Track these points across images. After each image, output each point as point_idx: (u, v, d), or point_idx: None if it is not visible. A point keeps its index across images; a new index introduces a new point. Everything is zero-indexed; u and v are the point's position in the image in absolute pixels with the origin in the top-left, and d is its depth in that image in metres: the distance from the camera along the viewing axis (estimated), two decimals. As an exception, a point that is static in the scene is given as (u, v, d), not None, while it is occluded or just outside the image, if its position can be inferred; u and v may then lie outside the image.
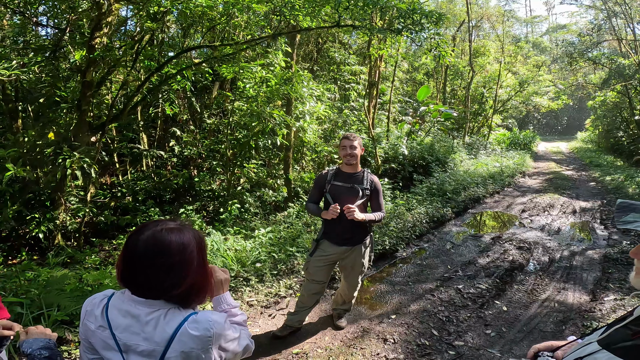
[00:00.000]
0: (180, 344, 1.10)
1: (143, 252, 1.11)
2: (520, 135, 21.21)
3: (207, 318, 1.15)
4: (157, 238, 1.12)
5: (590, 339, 1.16)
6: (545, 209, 8.69)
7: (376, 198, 3.16)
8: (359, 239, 3.18)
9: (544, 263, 5.42)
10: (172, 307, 1.15)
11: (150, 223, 1.17)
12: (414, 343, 3.21)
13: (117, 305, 1.17)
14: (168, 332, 1.11)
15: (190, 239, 1.17)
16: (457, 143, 14.11)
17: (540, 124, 42.31)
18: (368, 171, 3.20)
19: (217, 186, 7.44)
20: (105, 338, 1.14)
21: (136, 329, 1.12)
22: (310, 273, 3.25)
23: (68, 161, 4.64)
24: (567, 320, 3.73)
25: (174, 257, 1.12)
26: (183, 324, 1.11)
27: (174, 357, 1.10)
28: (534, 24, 39.75)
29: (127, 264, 1.14)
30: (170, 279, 1.12)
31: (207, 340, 1.12)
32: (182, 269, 1.14)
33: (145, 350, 1.12)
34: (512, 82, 19.06)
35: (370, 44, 8.45)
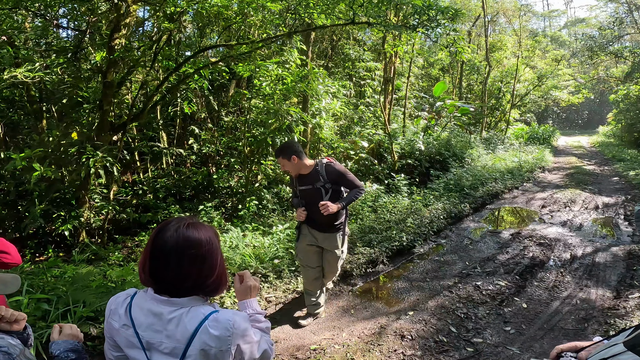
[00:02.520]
0: (200, 342, 1.13)
1: (174, 247, 1.15)
2: (539, 130, 20.73)
3: (227, 318, 1.18)
4: (184, 233, 1.17)
5: (617, 340, 1.15)
6: (566, 204, 8.50)
7: (343, 181, 3.22)
8: (333, 227, 3.31)
9: (565, 260, 5.32)
10: (194, 305, 1.19)
11: (171, 221, 1.22)
12: (431, 340, 3.20)
13: (140, 304, 1.20)
14: (189, 330, 1.14)
15: (211, 232, 1.24)
16: (475, 138, 13.90)
17: (560, 118, 41.26)
18: (322, 161, 3.23)
19: (235, 183, 7.52)
20: (129, 336, 1.18)
21: (159, 327, 1.16)
22: (301, 258, 3.43)
23: (91, 160, 4.77)
24: (590, 318, 3.66)
25: (203, 249, 1.18)
26: (204, 323, 1.15)
27: (194, 355, 1.13)
28: (551, 17, 38.74)
29: (155, 263, 1.17)
30: (205, 270, 1.18)
31: (226, 339, 1.15)
32: (212, 259, 1.20)
33: (167, 348, 1.15)
34: (530, 77, 18.62)
35: (385, 41, 8.39)
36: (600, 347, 1.23)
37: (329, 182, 3.14)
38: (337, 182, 3.19)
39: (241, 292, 1.46)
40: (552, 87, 19.41)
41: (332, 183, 3.16)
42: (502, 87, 17.60)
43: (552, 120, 38.17)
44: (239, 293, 1.47)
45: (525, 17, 18.81)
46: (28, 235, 5.45)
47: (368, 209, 6.79)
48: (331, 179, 3.15)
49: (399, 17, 6.15)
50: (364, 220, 6.19)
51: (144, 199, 6.59)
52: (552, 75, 18.75)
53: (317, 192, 3.16)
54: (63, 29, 5.81)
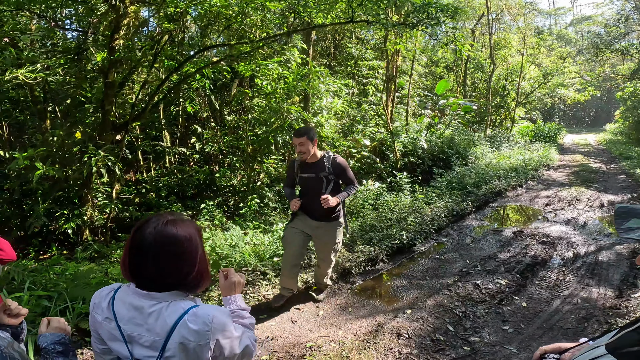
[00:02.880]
0: (179, 336, 1.15)
1: (152, 244, 1.16)
2: (545, 128, 20.55)
3: (206, 312, 1.19)
4: (162, 230, 1.18)
5: (600, 341, 1.13)
6: (570, 202, 8.43)
7: (344, 175, 3.42)
8: (330, 217, 3.45)
9: (567, 258, 5.28)
10: (175, 299, 1.20)
11: (151, 218, 1.22)
12: (428, 338, 3.20)
13: (122, 297, 1.22)
14: (169, 324, 1.16)
15: (192, 228, 1.24)
16: (479, 136, 13.82)
17: (566, 116, 40.85)
18: (329, 154, 3.42)
19: (238, 182, 7.56)
20: (111, 329, 1.20)
21: (139, 321, 1.18)
22: (287, 243, 3.57)
23: (93, 159, 4.82)
24: (590, 317, 3.64)
25: (183, 246, 1.19)
26: (183, 317, 1.16)
27: (173, 348, 1.15)
28: (557, 15, 38.34)
29: (134, 259, 1.19)
30: (185, 267, 1.19)
31: (205, 334, 1.16)
32: (192, 256, 1.21)
33: (148, 341, 1.17)
34: (536, 74, 18.45)
35: (387, 39, 8.37)
36: (584, 348, 1.21)
37: (332, 174, 3.33)
38: (338, 176, 3.39)
39: (225, 288, 1.48)
40: (557, 85, 19.21)
41: (334, 175, 3.36)
42: (507, 85, 17.46)
43: (559, 118, 37.79)
44: (224, 289, 1.48)
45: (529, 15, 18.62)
46: (33, 234, 5.52)
47: (370, 207, 6.78)
48: (335, 172, 3.35)
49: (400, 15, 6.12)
50: (365, 219, 6.19)
51: (146, 198, 6.64)
52: (557, 73, 18.55)
53: (318, 181, 3.34)
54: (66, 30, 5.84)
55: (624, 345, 1.02)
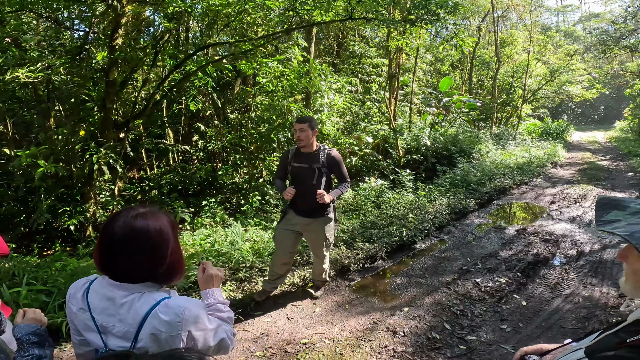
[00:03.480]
0: (150, 327, 1.16)
1: (121, 238, 1.17)
2: (552, 125, 20.30)
3: (178, 304, 1.19)
4: (131, 224, 1.18)
5: (582, 344, 1.10)
6: (576, 200, 8.32)
7: (337, 170, 3.42)
8: (320, 212, 3.44)
9: (571, 257, 5.22)
10: (148, 290, 1.21)
11: (122, 211, 1.23)
12: (424, 337, 3.18)
13: (96, 288, 1.24)
14: (140, 314, 1.16)
15: (164, 221, 1.24)
16: (484, 134, 13.70)
17: (574, 113, 40.34)
18: (325, 147, 3.43)
19: (240, 179, 7.58)
20: (86, 320, 1.22)
21: (112, 311, 1.19)
22: (277, 241, 3.59)
23: (95, 157, 4.86)
24: (591, 317, 3.59)
25: (152, 240, 1.19)
26: (155, 308, 1.17)
27: (145, 338, 1.16)
28: (565, 13, 37.82)
29: (105, 252, 1.19)
30: (154, 260, 1.19)
31: (176, 325, 1.16)
32: (162, 249, 1.20)
33: (120, 332, 1.18)
34: (543, 72, 18.22)
35: (389, 36, 8.32)
36: (566, 350, 1.17)
37: (325, 167, 3.34)
38: (331, 169, 3.40)
39: (203, 282, 1.48)
40: (565, 82, 18.95)
41: (327, 169, 3.37)
42: (513, 82, 17.27)
43: (567, 116, 37.34)
44: (201, 282, 1.49)
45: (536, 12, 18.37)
46: (37, 230, 5.59)
47: (371, 205, 6.76)
48: (329, 165, 3.36)
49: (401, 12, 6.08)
50: (367, 216, 6.17)
51: (149, 195, 6.69)
52: (565, 70, 18.31)
53: (311, 172, 3.34)
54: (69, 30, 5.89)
55: (601, 348, 0.98)
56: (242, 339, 3.17)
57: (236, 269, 4.21)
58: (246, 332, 3.27)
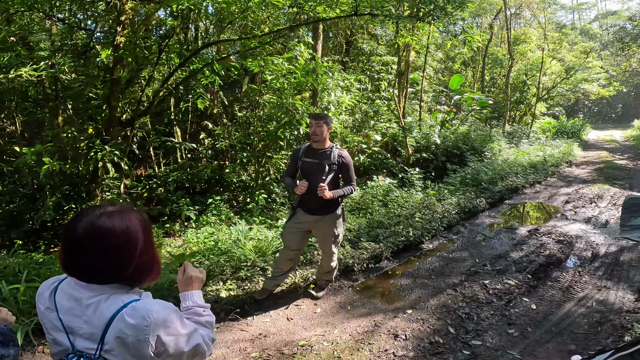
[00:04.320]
0: (116, 330, 1.11)
1: (83, 238, 1.11)
2: (567, 124, 19.81)
3: (146, 307, 1.13)
4: (94, 223, 1.12)
5: None
6: (592, 200, 8.06)
7: (346, 172, 3.44)
8: (329, 210, 3.44)
9: (585, 258, 5.03)
10: (115, 292, 1.16)
11: (88, 209, 1.17)
12: (426, 340, 3.07)
13: (64, 288, 1.19)
14: (106, 317, 1.12)
15: (132, 220, 1.17)
16: (496, 132, 13.43)
17: (591, 112, 39.38)
18: (337, 146, 3.45)
19: (247, 177, 7.54)
20: (53, 319, 1.18)
21: (78, 312, 1.15)
22: (285, 239, 3.60)
23: (99, 154, 4.87)
24: (604, 322, 3.43)
25: (118, 240, 1.13)
26: (121, 310, 1.12)
27: (111, 341, 1.11)
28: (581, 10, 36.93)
29: (68, 252, 1.14)
30: (120, 261, 1.14)
31: (143, 329, 1.11)
32: (128, 250, 1.14)
33: (86, 333, 1.14)
34: (557, 69, 17.79)
35: (397, 33, 8.18)
36: None
37: (335, 165, 3.37)
38: (340, 169, 3.42)
39: (182, 284, 1.43)
40: (581, 80, 18.47)
41: (337, 167, 3.39)
42: (527, 80, 16.90)
43: (583, 114, 36.48)
44: (180, 284, 1.44)
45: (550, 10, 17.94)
46: (44, 227, 5.64)
47: (379, 204, 6.65)
48: (338, 164, 3.38)
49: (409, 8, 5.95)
50: (374, 215, 6.06)
51: (156, 193, 6.70)
52: (581, 68, 17.85)
53: (320, 167, 3.34)
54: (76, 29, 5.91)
55: None
56: (239, 339, 3.10)
57: (238, 268, 4.15)
58: (244, 333, 3.20)
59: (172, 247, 5.08)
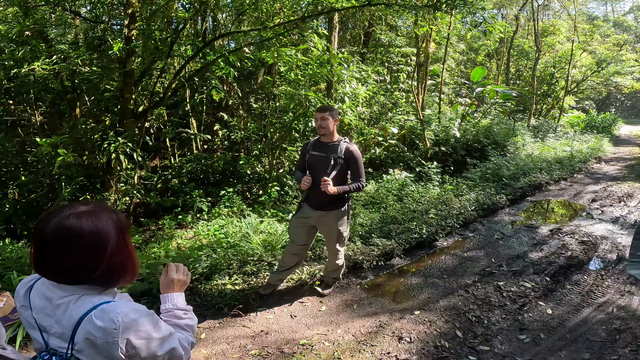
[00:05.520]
0: (84, 331, 1.09)
1: (51, 239, 1.09)
2: (598, 118, 18.94)
3: (116, 309, 1.11)
4: (64, 224, 1.09)
5: None
6: (621, 199, 7.66)
7: (354, 167, 3.32)
8: (334, 206, 3.36)
9: (609, 261, 4.77)
10: (87, 293, 1.14)
11: (59, 209, 1.14)
12: (432, 344, 2.95)
13: (38, 287, 1.20)
14: (75, 318, 1.10)
15: (103, 221, 1.14)
16: (521, 125, 12.96)
17: (624, 106, 37.47)
18: (345, 140, 3.33)
19: (261, 169, 7.53)
20: (28, 317, 1.19)
21: (49, 311, 1.15)
22: (291, 233, 3.55)
23: (112, 146, 4.92)
24: (624, 330, 3.22)
25: (86, 241, 1.10)
26: (90, 312, 1.10)
27: (80, 342, 1.10)
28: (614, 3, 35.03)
29: (37, 252, 1.12)
30: (88, 263, 1.11)
31: (111, 331, 1.08)
32: (97, 251, 1.11)
33: (57, 332, 1.14)
34: (588, 62, 16.96)
35: (416, 24, 7.93)
36: None
37: (342, 159, 3.27)
38: (348, 163, 3.31)
39: (163, 285, 1.41)
40: (613, 73, 17.57)
41: (344, 161, 3.30)
42: (555, 72, 16.19)
43: (615, 108, 34.79)
44: (162, 286, 1.41)
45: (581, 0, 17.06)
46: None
47: (393, 198, 6.51)
48: (346, 158, 3.28)
49: None
50: (388, 210, 5.93)
51: (170, 184, 6.77)
52: (613, 61, 16.96)
53: (326, 161, 3.26)
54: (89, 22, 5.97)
55: None
56: (240, 336, 3.08)
57: (245, 262, 4.13)
58: (246, 329, 3.17)
59: (183, 239, 5.11)
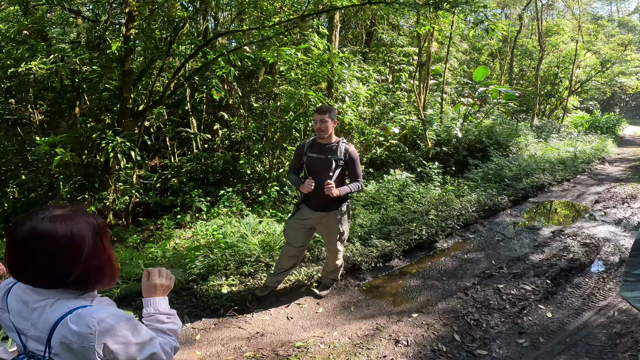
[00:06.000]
0: (60, 336, 1.08)
1: (24, 243, 1.06)
2: (602, 118, 18.80)
3: (92, 314, 1.09)
4: (38, 228, 1.07)
5: None
6: (624, 200, 7.58)
7: (353, 167, 3.31)
8: (334, 206, 3.33)
9: (611, 263, 4.71)
10: (63, 297, 1.12)
11: (33, 212, 1.12)
12: (429, 347, 2.91)
13: (16, 289, 1.19)
14: (50, 322, 1.09)
15: (79, 225, 1.11)
16: (524, 126, 12.87)
17: (628, 106, 37.15)
18: (344, 141, 3.30)
19: (261, 169, 7.49)
20: (6, 320, 1.19)
21: (26, 315, 1.13)
22: (288, 235, 3.51)
23: (110, 145, 4.90)
24: (625, 334, 3.17)
25: (59, 245, 1.07)
26: (66, 317, 1.08)
27: (56, 346, 1.09)
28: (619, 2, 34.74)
29: (10, 255, 1.10)
30: (60, 267, 1.08)
31: (87, 336, 1.06)
32: (71, 255, 1.09)
33: (34, 336, 1.13)
34: (592, 62, 16.84)
35: (418, 22, 7.87)
36: None
37: (342, 160, 3.25)
38: (347, 164, 3.30)
39: (146, 290, 1.39)
40: (618, 73, 17.43)
41: (344, 162, 3.28)
42: (559, 72, 16.07)
43: (619, 109, 34.52)
44: (144, 290, 1.39)
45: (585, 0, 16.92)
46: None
47: (393, 199, 6.46)
48: (345, 160, 3.27)
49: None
50: (388, 210, 5.89)
51: (169, 183, 6.75)
52: (618, 61, 16.82)
53: (327, 164, 3.22)
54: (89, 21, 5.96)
55: None
56: (235, 337, 3.05)
57: (242, 263, 4.10)
58: (241, 330, 3.14)
59: (181, 238, 5.09)
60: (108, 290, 3.13)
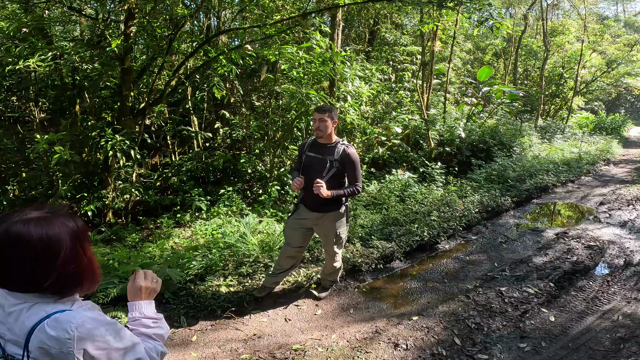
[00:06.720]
0: (37, 340, 1.04)
1: None
2: (607, 119, 18.65)
3: (69, 319, 1.05)
4: (11, 230, 1.03)
5: None
6: (630, 202, 7.49)
7: (350, 170, 3.23)
8: (331, 207, 3.28)
9: (616, 266, 4.63)
10: (40, 301, 1.08)
11: (8, 214, 1.07)
12: (428, 351, 2.85)
13: None
14: (27, 326, 1.06)
15: (56, 228, 1.07)
16: (528, 126, 12.76)
17: (634, 107, 36.87)
18: (343, 142, 3.24)
19: (262, 168, 7.45)
20: None
21: (1, 318, 1.10)
22: (286, 235, 3.48)
23: (109, 143, 4.87)
24: (629, 338, 3.10)
25: (33, 249, 1.03)
26: (43, 321, 1.04)
27: (34, 351, 1.06)
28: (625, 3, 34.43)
29: None
30: (36, 272, 1.04)
31: (65, 341, 1.03)
32: (47, 260, 1.05)
33: (12, 340, 1.09)
34: (598, 62, 16.69)
35: (421, 21, 7.80)
36: None
37: (338, 162, 3.19)
38: (344, 166, 3.22)
39: (131, 293, 1.35)
40: (624, 74, 17.27)
41: (340, 164, 3.21)
42: (564, 73, 15.94)
43: (625, 110, 34.27)
44: (129, 293, 1.36)
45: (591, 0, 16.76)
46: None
47: (395, 199, 6.40)
48: (342, 161, 3.20)
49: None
50: (389, 211, 5.83)
51: (169, 182, 6.72)
52: (624, 62, 16.67)
53: (322, 163, 3.18)
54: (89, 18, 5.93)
55: None
56: (232, 339, 3.00)
57: (240, 263, 4.05)
58: (238, 332, 3.10)
59: (181, 238, 5.05)
60: (104, 290, 3.10)
